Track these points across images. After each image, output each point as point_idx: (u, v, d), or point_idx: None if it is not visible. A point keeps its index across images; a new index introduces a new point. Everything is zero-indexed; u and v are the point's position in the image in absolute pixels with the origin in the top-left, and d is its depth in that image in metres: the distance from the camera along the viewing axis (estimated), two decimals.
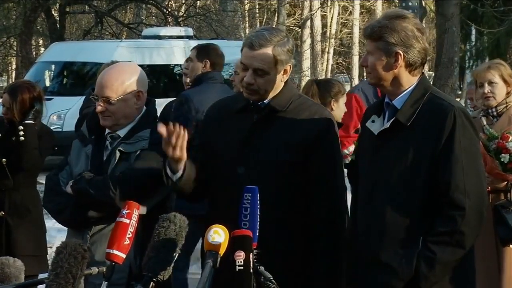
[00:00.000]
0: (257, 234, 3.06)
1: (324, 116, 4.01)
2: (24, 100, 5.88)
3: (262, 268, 2.94)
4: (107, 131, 4.18)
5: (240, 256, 2.85)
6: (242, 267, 2.84)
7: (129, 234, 2.93)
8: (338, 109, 6.10)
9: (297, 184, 3.93)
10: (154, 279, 2.88)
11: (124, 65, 4.29)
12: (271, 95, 3.97)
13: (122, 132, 4.15)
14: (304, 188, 3.93)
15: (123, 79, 4.08)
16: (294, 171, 3.91)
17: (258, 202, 3.14)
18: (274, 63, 3.88)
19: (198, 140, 4.24)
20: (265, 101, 3.98)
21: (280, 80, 3.96)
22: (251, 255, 2.88)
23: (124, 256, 2.93)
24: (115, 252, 2.91)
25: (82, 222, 4.07)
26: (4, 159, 5.87)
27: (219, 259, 2.83)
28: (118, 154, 4.09)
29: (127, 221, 2.95)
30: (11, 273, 2.98)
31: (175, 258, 2.94)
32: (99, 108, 4.08)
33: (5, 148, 5.89)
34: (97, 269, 2.92)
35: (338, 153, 4.03)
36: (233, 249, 2.87)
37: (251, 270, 2.87)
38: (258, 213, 3.12)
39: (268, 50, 3.87)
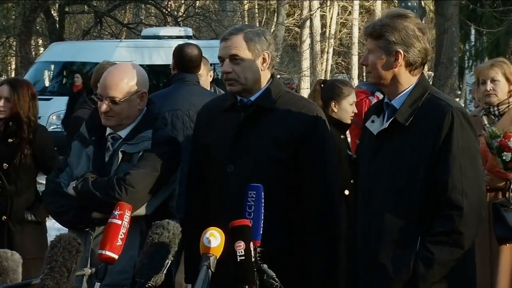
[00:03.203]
0: (261, 232, 3.06)
1: (311, 110, 4.02)
2: (25, 97, 5.87)
3: (265, 266, 2.95)
4: (108, 131, 4.17)
5: (240, 247, 2.86)
6: (243, 257, 2.84)
7: (121, 235, 2.95)
8: (341, 111, 6.10)
9: (289, 181, 3.94)
10: (147, 285, 2.88)
11: (127, 66, 4.29)
12: (256, 89, 4.00)
13: (123, 133, 4.14)
14: (296, 184, 3.94)
15: (128, 79, 4.09)
16: (285, 168, 3.93)
17: (263, 200, 3.14)
18: (247, 48, 3.95)
19: (193, 142, 4.26)
20: (251, 99, 4.01)
21: (260, 69, 3.99)
22: (251, 244, 2.88)
23: (116, 256, 2.94)
24: (108, 253, 2.93)
25: (86, 223, 4.06)
26: (5, 164, 5.84)
27: (215, 262, 2.83)
28: (120, 155, 4.09)
29: (119, 222, 2.97)
30: (8, 266, 2.98)
31: (168, 265, 2.94)
32: (104, 108, 4.07)
33: (4, 151, 5.85)
34: (89, 270, 2.92)
35: (329, 147, 4.05)
36: (232, 240, 2.87)
37: (253, 259, 2.88)
38: (263, 211, 3.13)
39: (239, 37, 3.96)
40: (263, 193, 3.16)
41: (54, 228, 7.76)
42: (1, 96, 5.85)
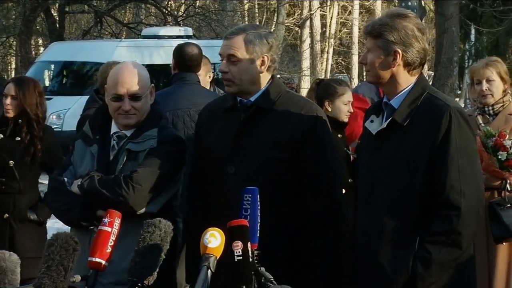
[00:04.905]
0: (258, 235, 3.06)
1: (311, 110, 4.02)
2: (31, 94, 5.85)
3: (263, 269, 2.94)
4: (112, 130, 4.18)
5: (238, 246, 2.85)
6: (241, 257, 2.85)
7: (110, 242, 2.96)
8: (335, 110, 6.11)
9: (290, 182, 3.94)
10: (139, 284, 2.89)
11: (132, 63, 4.32)
12: (254, 90, 3.99)
13: (128, 131, 4.15)
14: (298, 185, 3.94)
15: (141, 74, 4.13)
16: (286, 168, 3.93)
17: (259, 203, 3.13)
18: (245, 49, 3.94)
19: (194, 143, 4.26)
20: (251, 99, 4.00)
21: (258, 72, 3.98)
22: (249, 244, 2.88)
23: (104, 263, 2.95)
24: (97, 259, 2.94)
25: (90, 221, 4.06)
26: (11, 161, 5.84)
27: (215, 262, 2.83)
28: (126, 153, 4.09)
29: (109, 229, 2.98)
30: (7, 267, 2.99)
31: (161, 263, 2.95)
32: (128, 106, 4.09)
33: (11, 149, 5.85)
34: (79, 277, 2.93)
35: (330, 146, 4.05)
36: (230, 240, 2.87)
37: (250, 259, 2.88)
38: (259, 214, 3.12)
39: (240, 37, 3.95)
40: (258, 196, 3.15)
41: (53, 228, 7.77)
42: (8, 94, 5.86)
